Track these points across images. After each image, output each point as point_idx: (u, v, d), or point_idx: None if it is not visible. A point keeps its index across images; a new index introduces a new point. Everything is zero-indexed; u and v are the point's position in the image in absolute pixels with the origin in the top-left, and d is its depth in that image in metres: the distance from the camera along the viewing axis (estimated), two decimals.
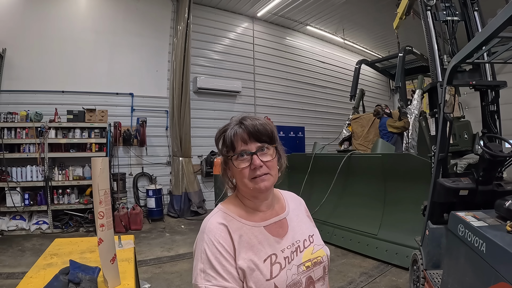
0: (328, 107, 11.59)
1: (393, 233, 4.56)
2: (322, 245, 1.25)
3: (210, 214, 1.16)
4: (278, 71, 10.39)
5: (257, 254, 1.06)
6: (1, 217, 6.26)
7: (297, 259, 1.13)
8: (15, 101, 6.77)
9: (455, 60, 2.78)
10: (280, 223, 1.20)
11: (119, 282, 1.89)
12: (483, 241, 1.99)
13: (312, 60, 11.34)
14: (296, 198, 1.40)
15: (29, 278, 1.92)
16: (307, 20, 10.11)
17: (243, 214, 1.15)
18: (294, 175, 6.82)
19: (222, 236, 1.06)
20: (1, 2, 6.75)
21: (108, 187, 1.88)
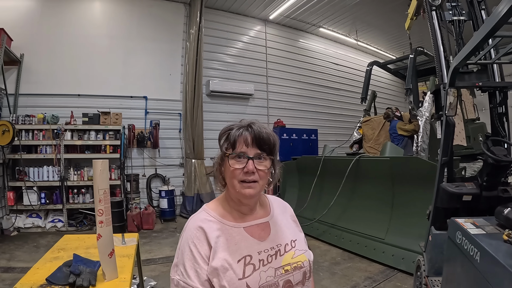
0: (342, 109, 11.49)
1: (400, 238, 4.48)
2: (304, 251, 1.26)
3: (195, 213, 1.22)
4: (291, 73, 10.37)
5: (232, 254, 1.10)
6: (18, 214, 6.51)
7: (276, 262, 1.15)
8: (32, 104, 7.05)
9: (456, 61, 2.72)
10: (263, 226, 1.23)
11: (117, 276, 2.01)
12: (478, 250, 1.92)
13: (325, 62, 11.27)
14: (282, 204, 1.43)
15: (36, 269, 2.08)
16: (320, 22, 10.06)
17: (225, 214, 1.20)
18: (304, 178, 6.84)
19: (198, 238, 1.11)
20: (19, 9, 7.04)
21: (108, 187, 2.02)
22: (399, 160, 4.80)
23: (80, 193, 6.93)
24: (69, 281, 1.83)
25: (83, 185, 6.95)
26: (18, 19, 6.97)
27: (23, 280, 1.94)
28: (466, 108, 6.23)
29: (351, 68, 11.82)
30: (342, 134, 9.86)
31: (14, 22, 6.84)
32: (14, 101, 6.98)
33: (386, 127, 6.72)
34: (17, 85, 7.01)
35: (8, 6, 6.94)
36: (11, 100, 6.90)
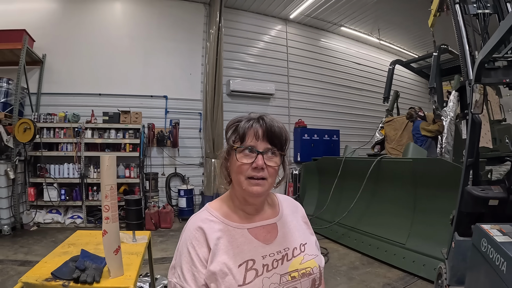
0: (364, 109, 11.20)
1: (422, 243, 4.27)
2: (315, 256, 1.16)
3: (197, 212, 1.14)
4: (313, 73, 10.21)
5: (233, 258, 1.01)
6: (38, 210, 6.69)
7: (282, 268, 1.05)
8: (54, 103, 7.25)
9: (482, 55, 2.55)
10: (269, 227, 1.14)
11: (122, 273, 1.98)
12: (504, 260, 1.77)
13: (347, 61, 11.03)
14: (293, 204, 1.33)
15: (44, 263, 2.10)
16: (341, 20, 9.86)
17: (228, 214, 1.11)
18: (324, 179, 6.71)
19: (197, 239, 1.03)
20: (41, 11, 7.27)
21: (115, 183, 2.02)
22: (421, 161, 4.60)
23: (99, 191, 6.99)
24: (73, 276, 1.83)
25: None
26: (40, 20, 7.18)
27: (29, 273, 1.95)
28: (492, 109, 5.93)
29: (373, 68, 11.51)
30: (365, 135, 9.61)
31: (36, 23, 7.06)
32: (37, 100, 7.20)
33: (409, 127, 6.50)
34: (39, 84, 7.22)
35: (30, 8, 7.16)
36: (33, 99, 7.13)
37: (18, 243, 5.53)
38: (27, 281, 1.85)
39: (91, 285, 1.82)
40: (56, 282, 1.82)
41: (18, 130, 6.10)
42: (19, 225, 6.32)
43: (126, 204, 6.64)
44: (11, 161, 6.14)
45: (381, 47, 11.74)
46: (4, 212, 6.00)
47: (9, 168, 6.01)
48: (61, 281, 1.82)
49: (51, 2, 7.40)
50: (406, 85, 11.98)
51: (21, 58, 6.32)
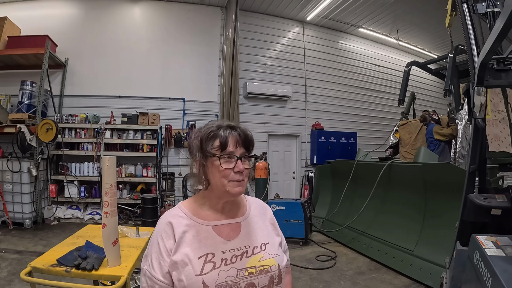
0: (383, 112, 10.94)
1: (430, 251, 4.15)
2: (275, 255, 1.23)
3: (170, 209, 1.26)
4: (330, 75, 10.10)
5: (194, 250, 1.11)
6: (59, 206, 7.05)
7: (240, 263, 1.14)
8: (76, 104, 7.61)
9: (481, 57, 2.46)
10: (233, 226, 1.23)
11: (120, 263, 2.16)
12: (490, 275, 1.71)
13: (366, 63, 10.83)
14: (262, 206, 1.41)
15: (53, 251, 2.31)
16: (359, 22, 9.72)
17: (197, 212, 1.21)
18: (337, 182, 6.66)
19: (166, 232, 1.15)
20: (63, 17, 7.65)
21: (114, 181, 2.21)
22: (432, 167, 4.47)
23: (118, 189, 7.22)
24: (74, 263, 2.04)
25: (120, 181, 7.30)
26: (62, 26, 7.56)
27: (38, 259, 2.16)
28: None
29: (393, 70, 11.23)
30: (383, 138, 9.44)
31: (58, 29, 7.44)
32: (59, 101, 7.56)
33: (423, 131, 6.32)
34: (62, 87, 7.60)
35: (52, 14, 7.56)
36: (56, 101, 7.50)
37: (38, 235, 5.83)
38: (35, 265, 2.05)
39: (90, 272, 2.03)
40: (60, 268, 2.03)
41: (41, 130, 6.43)
42: (41, 220, 6.64)
43: (142, 202, 6.84)
44: (34, 159, 6.48)
45: (400, 48, 11.47)
46: (26, 206, 6.35)
47: (32, 165, 6.35)
48: (65, 267, 2.03)
49: (72, 8, 7.76)
50: (424, 87, 11.62)
51: (44, 62, 6.65)
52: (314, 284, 4.12)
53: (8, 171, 6.25)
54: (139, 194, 7.29)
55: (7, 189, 6.31)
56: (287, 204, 5.91)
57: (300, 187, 9.54)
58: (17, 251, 4.90)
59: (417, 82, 10.91)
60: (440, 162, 4.94)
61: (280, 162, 9.50)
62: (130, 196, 7.38)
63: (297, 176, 9.66)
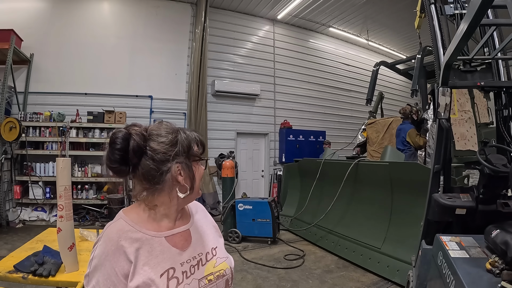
0: (352, 111, 11.14)
1: (397, 248, 4.22)
2: (225, 258, 1.21)
3: (111, 222, 1.08)
4: (300, 74, 10.17)
5: (154, 268, 0.99)
6: (24, 208, 6.76)
7: (199, 273, 1.08)
8: (41, 102, 7.26)
9: (446, 57, 2.47)
10: (185, 234, 1.14)
11: (77, 268, 2.11)
12: (453, 277, 1.69)
13: (336, 62, 10.98)
14: (202, 209, 1.34)
15: (11, 257, 2.26)
16: (330, 21, 9.82)
17: (145, 223, 1.07)
18: (305, 180, 6.69)
19: (114, 252, 0.98)
20: (29, 11, 7.25)
21: (69, 183, 2.16)
22: (398, 165, 4.54)
23: (84, 189, 7.09)
24: (31, 269, 2.00)
25: (87, 181, 7.08)
26: (28, 20, 7.18)
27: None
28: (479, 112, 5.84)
29: (362, 69, 11.43)
30: (351, 137, 9.59)
31: (24, 23, 7.06)
32: (24, 99, 7.18)
33: (391, 130, 6.43)
34: (26, 83, 7.21)
35: (18, 8, 7.16)
36: (20, 98, 7.13)
37: (2, 239, 5.55)
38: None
39: (46, 278, 1.98)
40: (17, 275, 1.99)
41: (4, 129, 6.12)
42: (5, 222, 6.35)
43: (109, 203, 6.66)
44: None
45: (370, 48, 11.69)
46: None
47: None
48: (21, 274, 2.00)
49: (39, 2, 7.39)
50: (392, 87, 11.92)
51: (8, 58, 6.31)
52: (282, 283, 4.10)
53: None
54: (105, 194, 7.07)
55: None
56: (254, 203, 5.88)
57: (269, 185, 9.55)
58: None
59: (385, 82, 11.17)
60: (406, 161, 5.03)
61: (248, 161, 9.47)
62: (97, 197, 7.13)
63: (265, 175, 9.66)
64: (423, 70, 5.93)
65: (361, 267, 4.55)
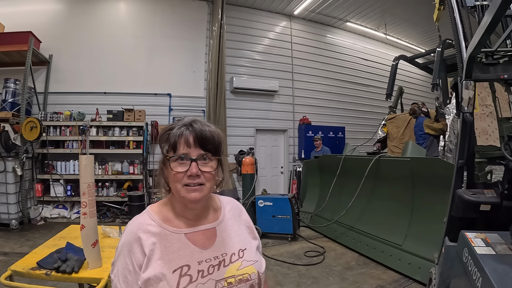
0: (371, 106, 11.00)
1: (419, 245, 4.16)
2: (254, 262, 1.13)
3: (138, 214, 1.12)
4: (318, 69, 10.09)
5: (168, 263, 1.00)
6: (45, 205, 6.93)
7: (218, 274, 1.04)
8: (61, 102, 7.45)
9: (470, 50, 2.41)
10: (208, 232, 1.11)
11: (100, 265, 2.10)
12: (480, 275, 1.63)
13: (354, 57, 10.84)
14: (237, 207, 1.29)
15: (34, 254, 2.25)
16: (347, 16, 9.71)
17: (168, 219, 1.09)
18: (325, 177, 6.65)
19: (133, 243, 1.03)
20: (47, 13, 7.45)
21: (92, 181, 2.13)
22: (420, 161, 4.46)
23: (104, 187, 7.22)
24: (54, 266, 1.99)
25: (107, 179, 7.21)
26: (46, 22, 7.36)
27: (19, 262, 2.11)
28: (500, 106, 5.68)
29: (380, 64, 11.25)
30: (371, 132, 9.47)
31: (42, 25, 7.24)
32: (44, 99, 7.38)
33: (411, 125, 6.33)
34: (46, 84, 7.41)
35: (36, 10, 7.35)
36: (40, 98, 7.31)
37: (24, 236, 5.71)
38: (15, 269, 2.01)
39: (70, 275, 1.97)
40: (40, 271, 1.98)
41: (25, 129, 6.28)
42: (27, 220, 6.52)
43: (129, 200, 6.75)
44: (18, 158, 6.34)
45: (388, 42, 11.50)
46: (12, 207, 6.23)
47: (16, 165, 6.22)
48: (45, 270, 1.98)
49: (57, 4, 7.57)
50: (412, 81, 11.70)
51: (27, 59, 6.48)
52: (303, 280, 4.09)
53: None
54: (126, 191, 7.19)
55: None
56: (274, 199, 5.86)
57: (288, 182, 9.53)
58: (3, 253, 4.78)
59: (405, 76, 10.99)
60: (428, 157, 4.95)
61: (267, 157, 9.47)
62: (117, 194, 7.26)
63: (285, 171, 9.65)
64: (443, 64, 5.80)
65: (382, 264, 4.50)
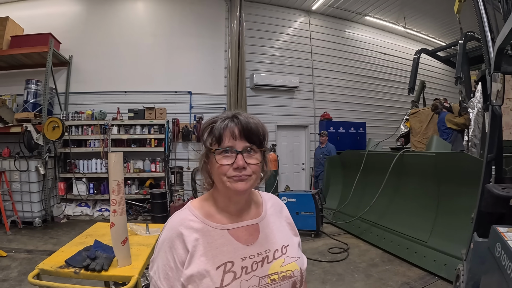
0: (392, 101, 10.80)
1: (444, 242, 4.08)
2: (296, 258, 1.12)
3: (179, 210, 1.12)
4: (338, 65, 9.96)
5: (211, 259, 0.99)
6: (68, 203, 7.10)
7: (261, 270, 1.03)
8: (82, 101, 7.62)
9: (499, 42, 2.35)
10: (251, 228, 1.10)
11: (130, 263, 2.08)
12: None
13: (373, 52, 10.64)
14: (278, 203, 1.27)
15: (61, 252, 2.23)
16: (365, 9, 9.54)
17: (210, 214, 1.08)
18: (348, 173, 6.62)
19: (175, 240, 1.02)
20: (66, 15, 7.64)
21: (122, 178, 2.11)
22: (445, 156, 4.38)
23: (126, 185, 7.30)
24: (83, 264, 1.97)
25: (129, 177, 7.31)
26: (65, 23, 7.56)
27: (46, 261, 2.09)
28: None
29: (400, 58, 11.03)
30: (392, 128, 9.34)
31: (62, 26, 7.44)
32: (65, 99, 7.57)
33: (434, 120, 6.18)
34: (67, 84, 7.61)
35: (55, 12, 7.56)
36: (62, 99, 7.50)
37: (48, 234, 5.86)
38: (43, 267, 1.99)
39: (99, 273, 1.95)
40: (68, 270, 1.96)
41: (47, 129, 6.45)
42: (50, 218, 6.69)
43: (151, 197, 6.83)
44: (41, 158, 6.51)
45: (407, 36, 11.25)
46: (35, 205, 6.40)
47: (39, 164, 6.38)
48: (73, 269, 1.96)
49: (75, 5, 7.75)
50: (433, 75, 11.44)
51: (47, 60, 6.66)
52: (328, 277, 4.08)
53: (16, 170, 6.28)
54: (148, 189, 7.30)
55: (15, 188, 6.34)
56: (298, 196, 5.84)
57: (310, 178, 9.47)
58: (27, 251, 4.91)
59: (426, 71, 10.75)
60: (453, 151, 4.84)
61: (289, 154, 9.45)
62: (139, 192, 7.38)
63: (306, 168, 9.60)
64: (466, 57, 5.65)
65: (407, 261, 4.43)
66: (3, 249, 4.79)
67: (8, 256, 4.63)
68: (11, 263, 4.39)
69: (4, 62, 7.13)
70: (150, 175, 7.42)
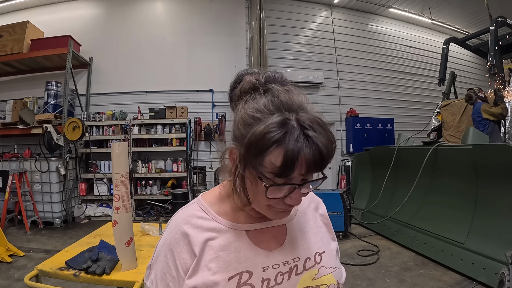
0: (419, 96, 10.30)
1: (483, 243, 3.74)
2: (334, 269, 0.87)
3: (186, 205, 0.89)
4: (362, 59, 9.61)
5: (223, 267, 0.76)
6: (89, 204, 7.11)
7: (288, 284, 0.78)
8: (103, 102, 7.69)
9: None
10: (275, 230, 0.86)
11: (135, 266, 1.90)
12: None
13: (399, 45, 10.21)
14: (312, 198, 1.02)
15: (65, 252, 2.11)
16: (389, 1, 9.16)
17: (224, 211, 0.84)
18: (377, 170, 6.34)
19: (178, 242, 0.80)
20: (85, 17, 7.78)
21: (126, 171, 1.93)
22: (484, 148, 4.02)
23: (148, 185, 7.28)
24: (83, 266, 1.82)
25: (150, 177, 7.28)
26: (85, 26, 7.68)
27: (47, 261, 1.97)
28: None
29: (427, 51, 10.55)
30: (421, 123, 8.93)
31: (81, 29, 7.57)
32: (86, 100, 7.66)
33: (468, 111, 5.80)
34: (88, 85, 7.70)
35: (75, 15, 7.73)
36: (83, 100, 7.59)
37: (68, 234, 5.89)
38: (42, 268, 1.87)
39: (100, 276, 1.79)
40: (68, 272, 1.82)
41: (68, 129, 6.49)
42: (71, 218, 6.75)
43: (173, 197, 6.76)
44: (62, 158, 6.57)
45: (433, 28, 10.76)
46: (56, 206, 6.45)
47: (60, 164, 6.43)
48: (73, 271, 1.82)
49: (94, 8, 7.87)
50: (463, 66, 10.92)
51: (67, 62, 6.73)
52: (357, 282, 3.83)
53: (36, 171, 6.35)
54: (169, 189, 7.23)
55: (36, 189, 6.41)
56: (325, 195, 5.50)
57: (337, 177, 9.17)
58: (45, 251, 4.91)
59: (456, 60, 10.27)
60: (493, 143, 4.48)
61: None
62: (161, 192, 7.31)
63: (333, 166, 9.29)
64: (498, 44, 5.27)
65: (442, 264, 4.11)
66: (22, 248, 4.80)
67: (26, 256, 4.65)
68: (27, 262, 4.39)
69: (25, 65, 7.28)
70: (172, 175, 7.34)
